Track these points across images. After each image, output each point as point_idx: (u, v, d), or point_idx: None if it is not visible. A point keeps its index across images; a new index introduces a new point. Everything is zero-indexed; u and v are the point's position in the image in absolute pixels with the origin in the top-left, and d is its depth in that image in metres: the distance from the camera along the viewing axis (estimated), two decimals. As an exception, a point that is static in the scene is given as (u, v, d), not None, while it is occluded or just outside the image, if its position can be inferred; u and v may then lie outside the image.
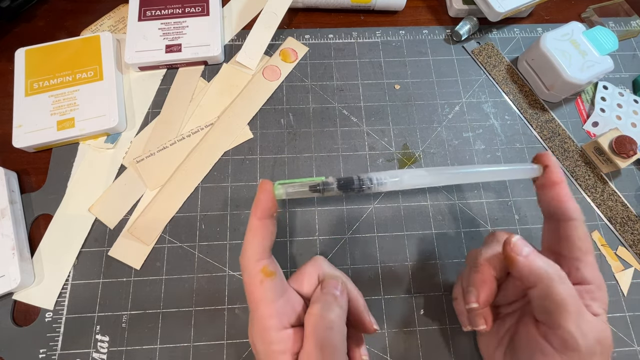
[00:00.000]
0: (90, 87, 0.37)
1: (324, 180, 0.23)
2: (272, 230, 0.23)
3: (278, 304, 0.22)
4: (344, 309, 0.23)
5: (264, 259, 0.23)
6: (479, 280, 0.25)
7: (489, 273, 0.25)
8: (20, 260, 0.31)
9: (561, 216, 0.25)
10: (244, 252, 0.23)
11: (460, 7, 0.43)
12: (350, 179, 0.23)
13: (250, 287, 0.22)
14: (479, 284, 0.25)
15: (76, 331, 0.31)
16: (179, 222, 0.34)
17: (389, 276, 0.33)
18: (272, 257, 0.24)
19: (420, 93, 0.40)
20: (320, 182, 0.23)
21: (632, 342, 0.32)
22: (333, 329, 0.22)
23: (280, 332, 0.22)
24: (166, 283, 0.32)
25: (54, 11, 0.43)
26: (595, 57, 0.38)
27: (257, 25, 0.41)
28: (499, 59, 0.42)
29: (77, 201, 0.34)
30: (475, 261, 0.27)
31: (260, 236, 0.23)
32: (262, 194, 0.23)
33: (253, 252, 0.22)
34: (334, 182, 0.23)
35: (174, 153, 0.36)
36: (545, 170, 0.26)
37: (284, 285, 0.24)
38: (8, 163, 0.36)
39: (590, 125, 0.40)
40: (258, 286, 0.22)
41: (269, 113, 0.39)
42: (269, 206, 0.23)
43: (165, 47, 0.39)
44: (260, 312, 0.22)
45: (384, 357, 0.31)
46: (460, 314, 0.29)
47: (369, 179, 0.24)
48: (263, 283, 0.22)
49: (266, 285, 0.22)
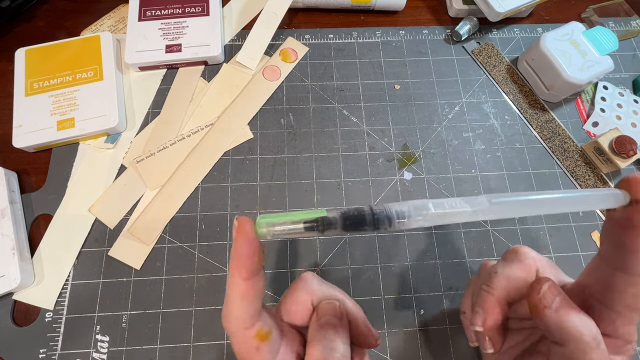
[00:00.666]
0: (90, 87, 0.37)
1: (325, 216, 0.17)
2: (262, 286, 0.18)
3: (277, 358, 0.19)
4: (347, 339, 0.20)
5: (256, 322, 0.18)
6: (489, 304, 0.23)
7: (501, 298, 0.23)
8: (20, 260, 0.31)
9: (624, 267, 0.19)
10: (228, 316, 0.18)
11: (460, 7, 0.43)
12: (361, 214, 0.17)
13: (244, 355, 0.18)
14: (489, 307, 0.23)
15: (76, 331, 0.31)
16: (179, 222, 0.34)
17: (389, 276, 0.33)
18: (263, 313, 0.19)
19: (420, 93, 0.40)
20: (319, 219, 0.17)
21: (632, 342, 0.32)
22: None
23: None
24: (166, 283, 0.32)
25: (54, 11, 0.43)
26: (595, 57, 0.38)
27: (257, 25, 0.41)
28: (499, 59, 0.42)
29: (77, 201, 0.34)
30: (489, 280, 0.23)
31: (250, 299, 0.17)
32: (243, 244, 0.16)
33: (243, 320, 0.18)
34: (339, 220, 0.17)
35: (174, 153, 0.36)
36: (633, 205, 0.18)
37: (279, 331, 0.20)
38: (8, 163, 0.36)
39: (590, 125, 0.40)
40: (255, 354, 0.18)
41: (269, 113, 0.39)
42: (254, 258, 0.17)
43: (165, 47, 0.39)
44: None
45: (384, 357, 0.31)
46: (468, 328, 0.27)
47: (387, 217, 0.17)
48: (260, 349, 0.18)
49: (263, 349, 0.18)
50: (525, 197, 0.18)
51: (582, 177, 0.37)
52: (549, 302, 0.19)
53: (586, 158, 0.38)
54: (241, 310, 0.18)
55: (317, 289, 0.22)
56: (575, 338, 0.18)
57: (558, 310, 0.19)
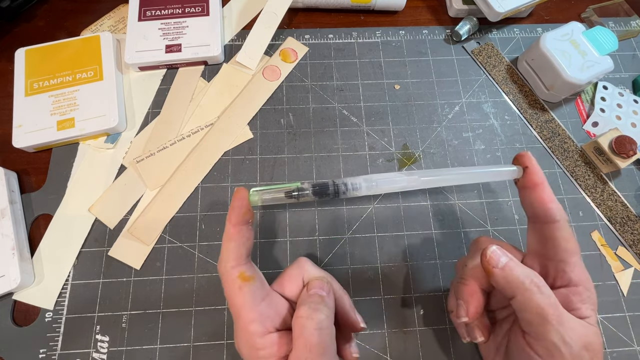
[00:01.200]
0: (90, 87, 0.37)
1: (299, 186, 0.23)
2: (247, 237, 0.23)
3: (260, 308, 0.22)
4: (332, 309, 0.23)
5: (240, 265, 0.23)
6: (466, 294, 0.25)
7: (474, 285, 0.25)
8: (20, 260, 0.31)
9: (544, 218, 0.24)
10: (220, 259, 0.23)
11: (460, 7, 0.43)
12: (325, 184, 0.23)
13: (229, 293, 0.22)
14: (467, 297, 0.25)
15: (76, 331, 0.31)
16: (179, 222, 0.34)
17: (389, 276, 0.33)
18: (250, 263, 0.24)
19: (420, 93, 0.40)
20: (295, 188, 0.23)
21: (632, 342, 0.32)
22: (322, 329, 0.21)
23: (264, 337, 0.22)
24: (166, 283, 0.32)
25: (54, 11, 0.43)
26: (595, 57, 0.38)
27: (257, 25, 0.41)
28: (499, 59, 0.42)
29: (77, 201, 0.34)
30: (462, 273, 0.26)
31: (236, 242, 0.23)
32: (237, 201, 0.23)
33: (229, 259, 0.22)
34: (309, 188, 0.23)
35: (174, 153, 0.36)
36: (525, 172, 0.25)
37: (265, 289, 0.24)
38: (8, 163, 0.36)
39: (590, 125, 0.40)
40: (237, 292, 0.22)
41: (269, 113, 0.39)
42: (244, 212, 0.23)
43: (165, 47, 0.39)
44: (242, 318, 0.22)
45: (384, 357, 0.31)
46: (458, 326, 0.29)
47: (344, 184, 0.23)
48: (242, 289, 0.22)
49: (245, 291, 0.22)
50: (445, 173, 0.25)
51: (582, 177, 0.37)
52: (496, 263, 0.23)
53: (586, 158, 0.38)
54: (228, 251, 0.22)
55: (309, 269, 0.25)
56: (519, 287, 0.22)
57: (504, 268, 0.23)
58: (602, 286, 0.34)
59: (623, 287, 0.34)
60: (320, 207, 0.35)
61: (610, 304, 0.33)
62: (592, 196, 0.37)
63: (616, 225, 0.36)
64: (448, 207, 0.36)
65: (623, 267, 0.34)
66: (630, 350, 0.32)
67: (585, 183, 0.37)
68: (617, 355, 0.32)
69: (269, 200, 0.23)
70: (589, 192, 0.37)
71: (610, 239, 0.35)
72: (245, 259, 0.23)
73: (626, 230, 0.35)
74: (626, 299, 0.33)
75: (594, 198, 0.37)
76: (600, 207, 0.36)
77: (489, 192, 0.37)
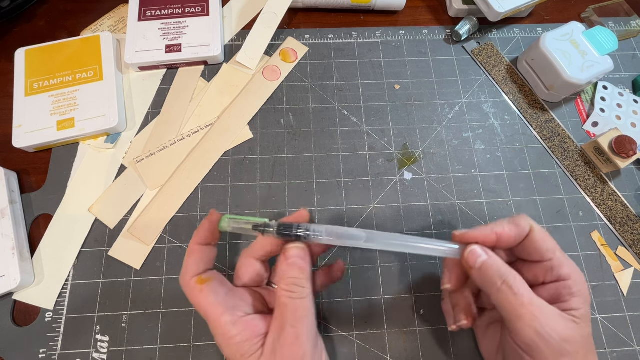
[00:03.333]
0: (90, 87, 0.37)
1: (267, 222, 0.24)
2: (208, 255, 0.25)
3: (225, 301, 0.23)
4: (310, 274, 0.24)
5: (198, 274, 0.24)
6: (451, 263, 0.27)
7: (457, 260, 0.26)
8: (20, 260, 0.31)
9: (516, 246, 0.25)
10: (181, 273, 0.24)
11: (460, 7, 0.43)
12: (289, 226, 0.24)
13: (193, 300, 0.23)
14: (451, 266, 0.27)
15: (76, 331, 0.31)
16: (179, 222, 0.34)
17: (389, 276, 0.33)
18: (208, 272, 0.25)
19: (420, 93, 0.40)
20: (262, 223, 0.24)
21: (632, 342, 0.32)
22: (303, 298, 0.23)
23: (236, 325, 0.22)
24: (166, 283, 0.32)
25: (54, 11, 0.43)
26: (595, 57, 0.38)
27: (257, 25, 0.41)
28: (499, 59, 0.42)
29: (77, 201, 0.34)
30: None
31: (195, 258, 0.24)
32: (206, 223, 0.25)
33: (187, 272, 0.24)
34: (274, 227, 0.24)
35: (174, 153, 0.36)
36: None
37: (227, 285, 0.25)
38: (8, 163, 0.36)
39: (590, 125, 0.40)
40: (199, 295, 0.23)
41: (269, 113, 0.39)
42: (209, 235, 0.25)
43: (165, 47, 0.39)
44: (211, 316, 0.23)
45: (384, 357, 0.31)
46: (447, 313, 0.30)
47: (307, 230, 0.24)
48: (203, 290, 0.23)
49: (206, 291, 0.23)
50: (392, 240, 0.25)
51: (582, 177, 0.37)
52: (473, 263, 0.24)
53: (586, 158, 0.38)
54: (187, 265, 0.24)
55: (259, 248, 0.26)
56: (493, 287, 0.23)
57: (480, 268, 0.24)
58: (602, 286, 0.34)
59: (623, 287, 0.34)
60: (320, 207, 0.35)
61: (610, 304, 0.33)
62: (592, 196, 0.37)
63: (616, 225, 0.36)
64: (448, 207, 0.36)
65: (623, 267, 0.34)
66: (630, 350, 0.32)
67: (585, 183, 0.37)
68: (617, 355, 0.32)
69: (237, 229, 0.25)
70: (589, 192, 0.37)
71: (610, 239, 0.35)
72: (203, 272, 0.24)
73: (626, 230, 0.35)
74: (626, 299, 0.33)
75: (594, 198, 0.37)
76: (600, 207, 0.36)
77: (489, 192, 0.37)
